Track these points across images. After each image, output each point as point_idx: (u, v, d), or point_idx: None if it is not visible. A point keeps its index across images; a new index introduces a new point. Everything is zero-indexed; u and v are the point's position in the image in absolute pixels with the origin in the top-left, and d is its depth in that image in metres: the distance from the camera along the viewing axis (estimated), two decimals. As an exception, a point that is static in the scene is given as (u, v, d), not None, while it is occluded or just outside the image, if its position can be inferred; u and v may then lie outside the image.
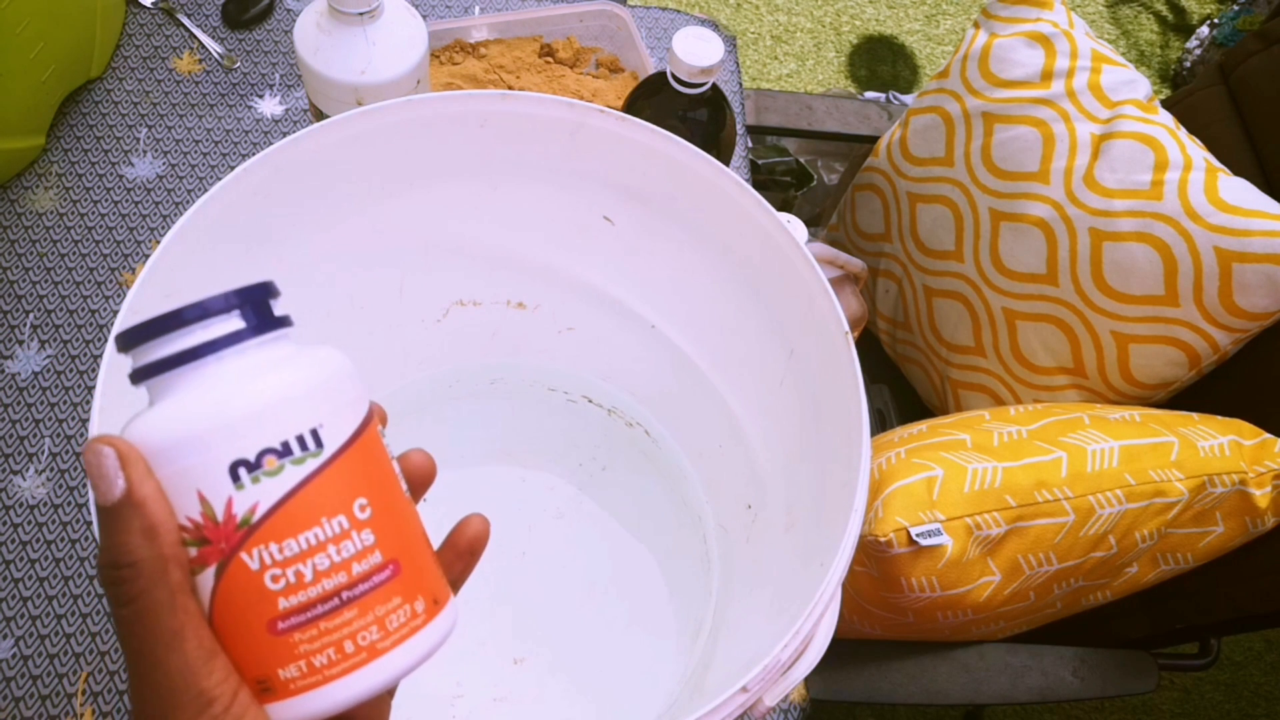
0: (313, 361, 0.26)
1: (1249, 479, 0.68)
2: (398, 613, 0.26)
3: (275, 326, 0.26)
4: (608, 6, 0.80)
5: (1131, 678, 0.79)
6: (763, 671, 0.37)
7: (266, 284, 0.26)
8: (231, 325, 0.25)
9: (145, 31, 0.81)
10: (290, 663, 0.24)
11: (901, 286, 1.00)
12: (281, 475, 0.24)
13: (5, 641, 0.57)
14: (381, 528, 0.26)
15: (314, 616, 0.24)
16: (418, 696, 0.57)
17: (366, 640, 0.25)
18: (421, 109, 0.49)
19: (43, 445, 0.63)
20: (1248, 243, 0.71)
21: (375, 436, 0.27)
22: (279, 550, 0.24)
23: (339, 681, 0.25)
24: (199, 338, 0.25)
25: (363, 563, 0.25)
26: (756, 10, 1.93)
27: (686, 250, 0.55)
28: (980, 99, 0.86)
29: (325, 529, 0.25)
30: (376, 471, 0.26)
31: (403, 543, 0.26)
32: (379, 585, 0.25)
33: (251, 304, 0.26)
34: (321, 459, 0.25)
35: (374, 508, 0.26)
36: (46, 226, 0.71)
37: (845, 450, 0.44)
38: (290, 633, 0.24)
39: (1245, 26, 1.80)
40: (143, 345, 0.25)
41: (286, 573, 0.24)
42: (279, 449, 0.24)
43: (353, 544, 0.25)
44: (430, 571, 0.27)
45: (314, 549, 0.24)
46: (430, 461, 0.30)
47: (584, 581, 0.63)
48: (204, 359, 0.25)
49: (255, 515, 0.24)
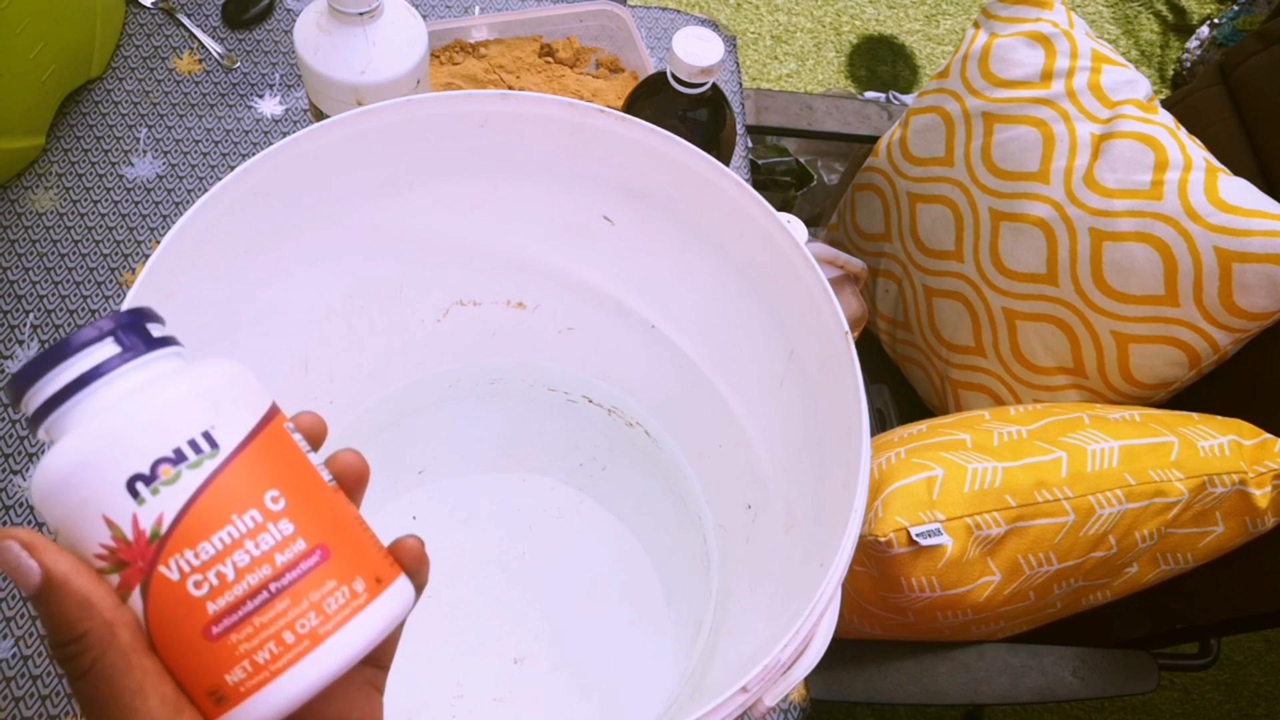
0: (197, 372, 0.26)
1: (1249, 479, 0.68)
2: (334, 595, 0.25)
3: (154, 347, 0.26)
4: (608, 6, 0.80)
5: (1131, 678, 0.79)
6: (763, 671, 0.37)
7: (141, 309, 0.27)
8: (108, 350, 0.25)
9: (145, 31, 0.81)
10: (234, 665, 0.24)
11: (901, 286, 1.00)
12: (180, 482, 0.24)
13: (5, 641, 0.57)
14: (300, 516, 0.26)
15: (246, 614, 0.24)
16: (418, 697, 0.57)
17: (306, 627, 0.25)
18: (421, 109, 0.49)
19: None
20: (1248, 243, 0.71)
21: (280, 432, 0.27)
22: (195, 556, 0.24)
23: (287, 674, 0.24)
24: (76, 369, 0.25)
25: (285, 552, 0.25)
26: (756, 10, 1.93)
27: (686, 250, 0.55)
28: (980, 99, 0.86)
29: (238, 525, 0.25)
30: (285, 464, 0.26)
31: (328, 527, 0.26)
32: (307, 572, 0.25)
33: (124, 329, 0.26)
34: (219, 459, 0.25)
35: (288, 498, 0.26)
36: (46, 226, 0.71)
37: (845, 450, 0.44)
38: (226, 635, 0.24)
39: (1245, 26, 1.80)
40: (29, 390, 0.25)
41: (208, 576, 0.24)
42: (172, 456, 0.24)
43: (271, 536, 0.25)
44: (367, 552, 0.27)
45: (230, 547, 0.24)
46: (360, 461, 0.30)
47: (584, 581, 0.63)
48: (87, 388, 0.25)
49: (163, 526, 0.24)
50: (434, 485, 0.65)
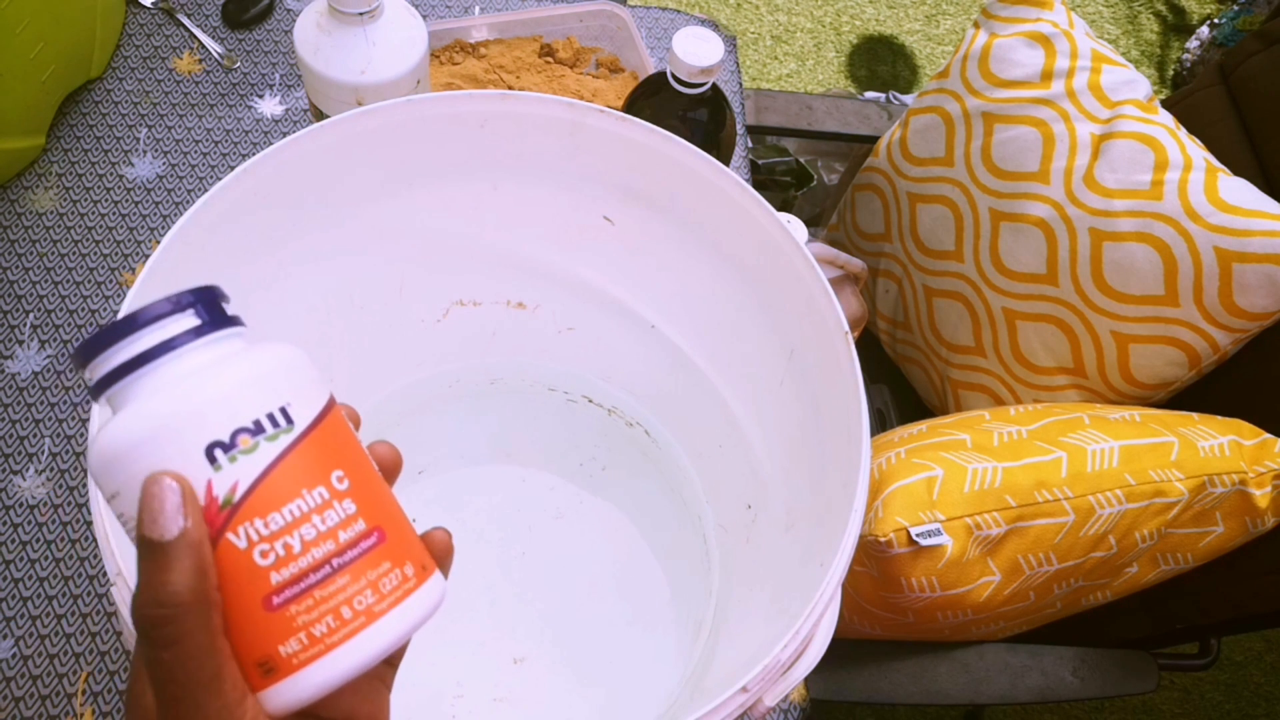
0: (269, 351, 0.27)
1: (1249, 479, 0.68)
2: (389, 576, 0.26)
3: (228, 324, 0.27)
4: (608, 6, 0.80)
5: (1131, 678, 0.79)
6: (763, 671, 0.37)
7: (214, 287, 0.27)
8: (186, 323, 0.26)
9: (145, 31, 0.81)
10: (290, 636, 0.25)
11: (901, 286, 1.00)
12: (257, 452, 0.25)
13: (5, 641, 0.57)
14: (361, 497, 0.26)
15: (307, 586, 0.25)
16: (418, 697, 0.57)
17: (363, 604, 0.25)
18: (421, 109, 0.49)
19: (43, 445, 0.63)
20: (1248, 243, 0.71)
21: (340, 418, 0.28)
22: (264, 525, 0.25)
23: (341, 648, 0.25)
24: (156, 338, 0.25)
25: (348, 530, 0.26)
26: (756, 10, 1.93)
27: (686, 250, 0.55)
28: (980, 99, 0.86)
29: (307, 500, 0.25)
30: (347, 448, 0.27)
31: (384, 512, 0.27)
32: (367, 551, 0.26)
33: (202, 303, 0.26)
34: (294, 434, 0.25)
35: (351, 479, 0.26)
36: (46, 226, 0.71)
37: (845, 450, 0.44)
38: (286, 606, 0.25)
39: (1245, 26, 1.80)
40: (100, 356, 0.25)
41: (275, 546, 0.25)
42: (251, 427, 0.25)
43: (335, 513, 0.25)
44: (413, 541, 0.28)
45: (299, 520, 0.25)
46: (396, 452, 0.30)
47: (584, 581, 0.63)
48: (161, 359, 0.25)
49: (236, 494, 0.24)
50: (434, 485, 0.65)
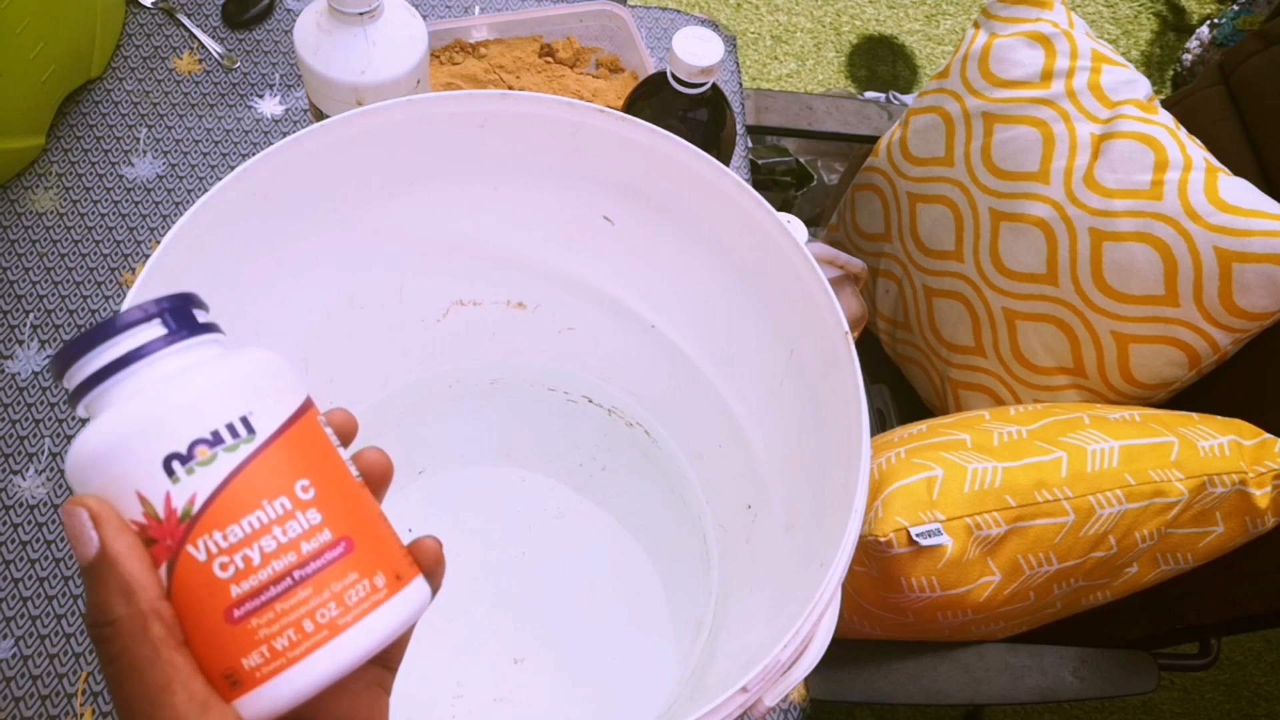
0: (238, 359, 0.26)
1: (1249, 479, 0.68)
2: (355, 588, 0.26)
3: (198, 332, 0.27)
4: (608, 6, 0.80)
5: (1131, 678, 0.79)
6: (763, 671, 0.37)
7: (187, 294, 0.27)
8: (152, 333, 0.26)
9: (145, 31, 0.81)
10: (252, 650, 0.24)
11: (901, 286, 1.00)
12: (215, 464, 0.25)
13: (5, 641, 0.57)
14: (328, 507, 0.26)
15: (268, 599, 0.25)
16: (418, 697, 0.57)
17: (326, 617, 0.25)
18: (421, 109, 0.49)
19: (43, 445, 0.63)
20: (1248, 243, 0.71)
21: (314, 424, 0.27)
22: (223, 538, 0.24)
23: (304, 661, 0.25)
24: (122, 348, 0.25)
25: (311, 541, 0.25)
26: (756, 10, 1.93)
27: (686, 250, 0.55)
28: (980, 99, 0.86)
29: (268, 511, 0.25)
30: (317, 456, 0.27)
31: (354, 521, 0.27)
32: (331, 562, 0.25)
33: (170, 311, 0.26)
34: (255, 444, 0.25)
35: (317, 488, 0.26)
36: (46, 226, 0.71)
37: (845, 450, 0.44)
38: (247, 619, 0.24)
39: (1245, 26, 1.80)
40: (72, 366, 0.26)
41: (234, 559, 0.24)
42: (209, 438, 0.25)
43: (298, 524, 0.25)
44: (389, 549, 0.27)
45: (259, 532, 0.25)
46: (385, 459, 0.30)
47: (584, 581, 0.63)
48: (130, 367, 0.25)
49: (195, 506, 0.24)
50: (434, 485, 0.65)
